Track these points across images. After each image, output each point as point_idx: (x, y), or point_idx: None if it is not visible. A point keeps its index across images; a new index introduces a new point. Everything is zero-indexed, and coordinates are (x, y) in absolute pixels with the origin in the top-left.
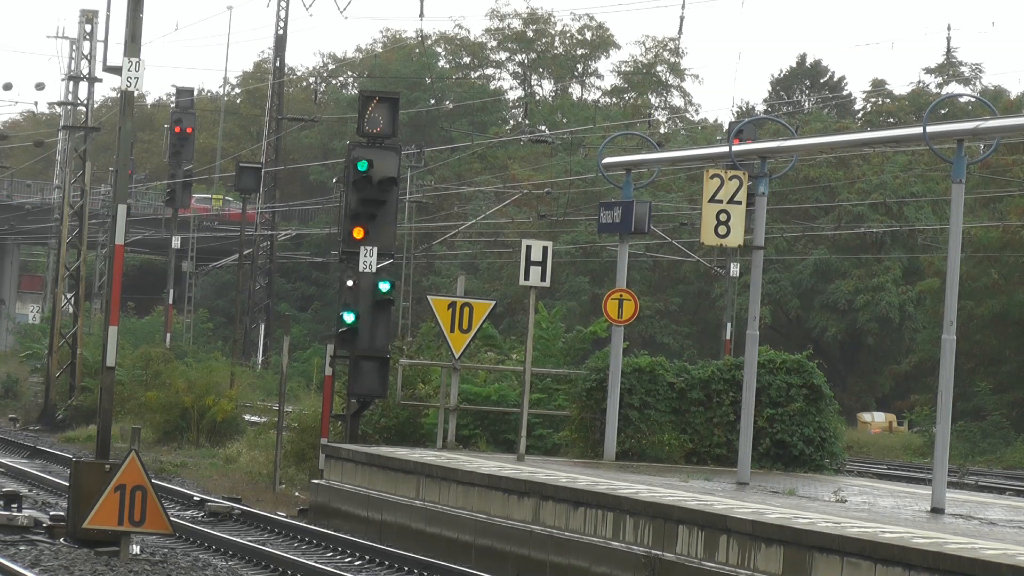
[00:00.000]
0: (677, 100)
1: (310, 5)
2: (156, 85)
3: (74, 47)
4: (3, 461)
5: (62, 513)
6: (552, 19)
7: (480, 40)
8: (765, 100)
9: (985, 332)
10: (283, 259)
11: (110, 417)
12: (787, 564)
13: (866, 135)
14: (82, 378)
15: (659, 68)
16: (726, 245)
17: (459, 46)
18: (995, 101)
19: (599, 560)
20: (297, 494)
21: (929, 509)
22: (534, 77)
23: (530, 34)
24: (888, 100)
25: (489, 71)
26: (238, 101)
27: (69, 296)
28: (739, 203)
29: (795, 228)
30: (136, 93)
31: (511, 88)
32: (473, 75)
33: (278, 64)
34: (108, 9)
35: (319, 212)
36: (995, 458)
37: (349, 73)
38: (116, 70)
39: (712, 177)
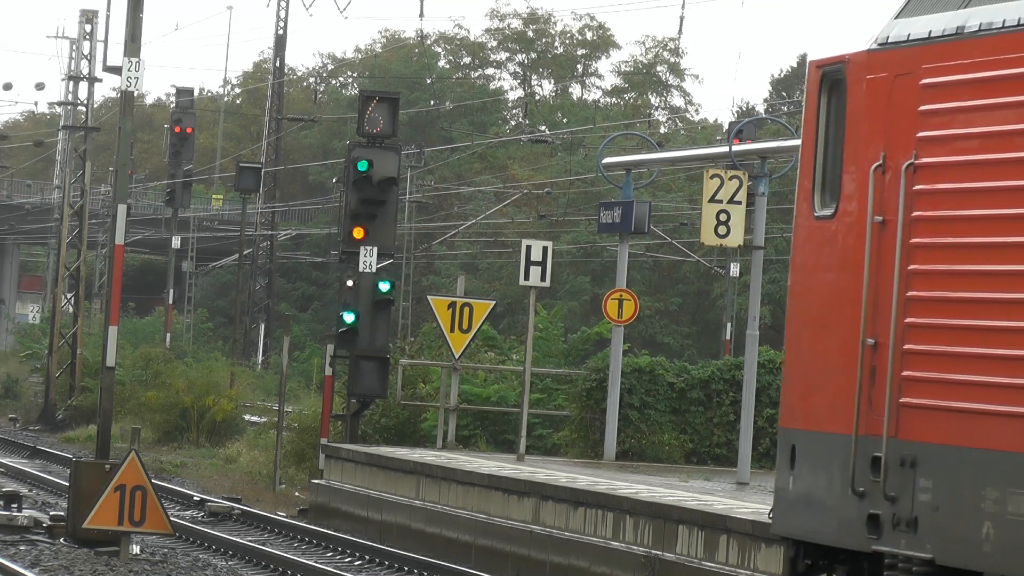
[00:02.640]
0: (677, 100)
1: (310, 5)
2: (156, 85)
3: (74, 47)
4: (3, 461)
5: (62, 513)
6: (552, 19)
7: (480, 40)
8: (765, 100)
9: None
10: (283, 259)
11: (110, 417)
12: None
13: None
14: (82, 378)
15: (659, 68)
16: (726, 245)
17: (459, 46)
18: None
19: (599, 560)
20: (297, 494)
21: None
22: (534, 77)
23: (530, 34)
24: None
25: (489, 71)
26: (238, 101)
27: (69, 296)
28: (739, 203)
29: None
30: (136, 93)
31: (511, 88)
32: (473, 75)
33: (278, 64)
34: (108, 9)
35: (319, 212)
36: None
37: (349, 73)
38: (116, 70)
39: (712, 177)
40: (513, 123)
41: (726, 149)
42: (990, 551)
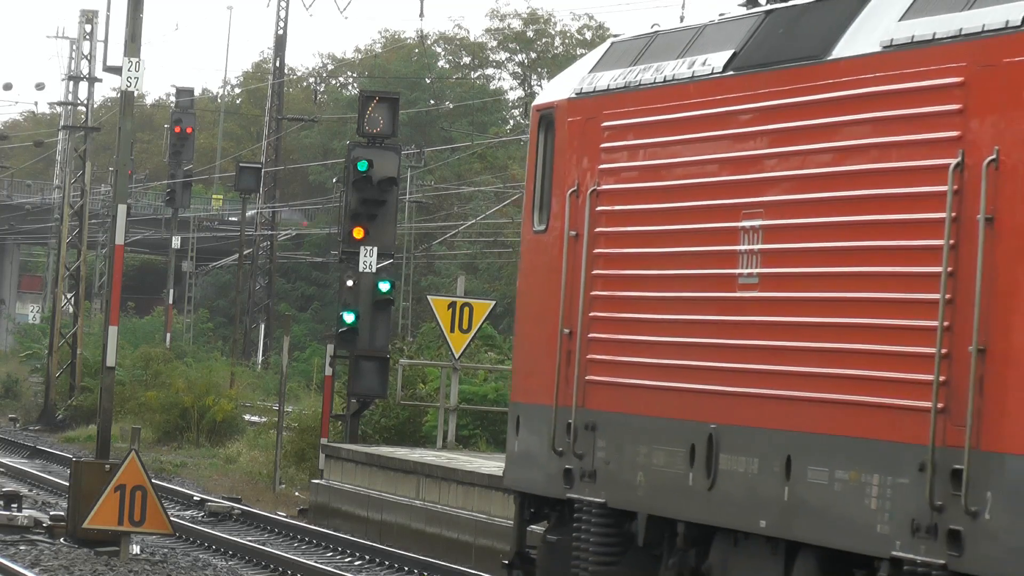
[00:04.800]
0: None
1: (310, 5)
2: (156, 85)
3: (74, 47)
4: (3, 461)
5: (62, 513)
6: (552, 19)
7: (480, 40)
8: None
9: None
10: (283, 259)
11: (110, 417)
12: None
13: None
14: (82, 378)
15: None
16: None
17: (459, 46)
18: None
19: None
20: (297, 494)
21: None
22: (534, 77)
23: (530, 34)
24: None
25: (489, 71)
26: (238, 101)
27: (69, 296)
28: None
29: None
30: (136, 93)
31: (511, 88)
32: (473, 75)
33: (278, 64)
34: (108, 9)
35: (319, 212)
36: None
37: (349, 73)
38: (116, 70)
39: None
40: (513, 123)
41: None
42: (642, 495)
